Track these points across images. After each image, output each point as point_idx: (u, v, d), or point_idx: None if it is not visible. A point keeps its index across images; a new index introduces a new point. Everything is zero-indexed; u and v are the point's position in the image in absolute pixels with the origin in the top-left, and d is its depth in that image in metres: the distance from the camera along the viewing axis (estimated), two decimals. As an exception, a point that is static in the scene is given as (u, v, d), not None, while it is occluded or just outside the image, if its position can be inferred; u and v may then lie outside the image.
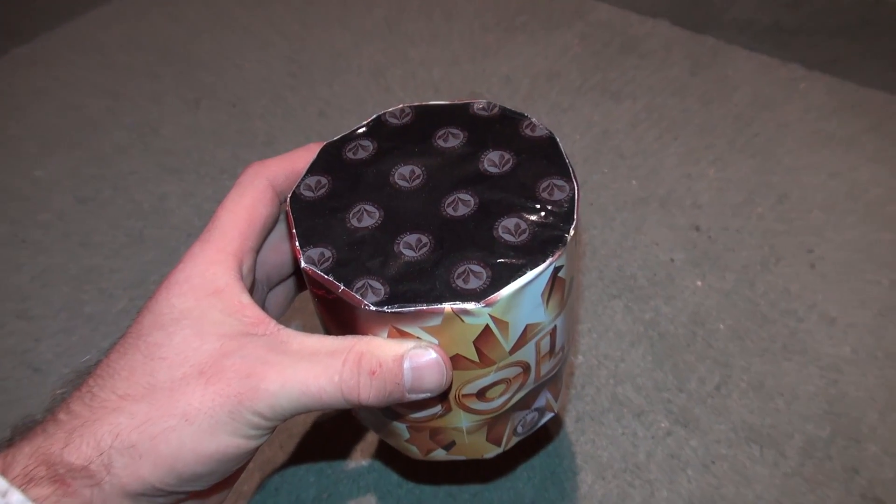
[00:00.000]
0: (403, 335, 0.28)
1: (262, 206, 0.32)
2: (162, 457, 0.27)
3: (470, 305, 0.27)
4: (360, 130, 0.34)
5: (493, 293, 0.27)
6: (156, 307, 0.29)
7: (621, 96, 0.64)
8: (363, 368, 0.27)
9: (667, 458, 0.42)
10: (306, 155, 0.33)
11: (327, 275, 0.28)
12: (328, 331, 0.31)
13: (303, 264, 0.28)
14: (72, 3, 0.80)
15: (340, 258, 0.28)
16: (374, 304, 0.27)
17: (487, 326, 0.28)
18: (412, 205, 0.30)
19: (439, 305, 0.27)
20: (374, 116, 0.34)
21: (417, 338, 0.28)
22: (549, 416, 0.36)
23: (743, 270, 0.51)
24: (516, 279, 0.27)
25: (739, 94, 0.64)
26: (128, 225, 0.56)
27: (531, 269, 0.27)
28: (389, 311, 0.27)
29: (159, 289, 0.29)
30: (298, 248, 0.29)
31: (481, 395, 0.31)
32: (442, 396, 0.30)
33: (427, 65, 0.69)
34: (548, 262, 0.28)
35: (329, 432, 0.44)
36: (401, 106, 0.35)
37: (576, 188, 0.30)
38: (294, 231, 0.30)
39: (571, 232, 0.29)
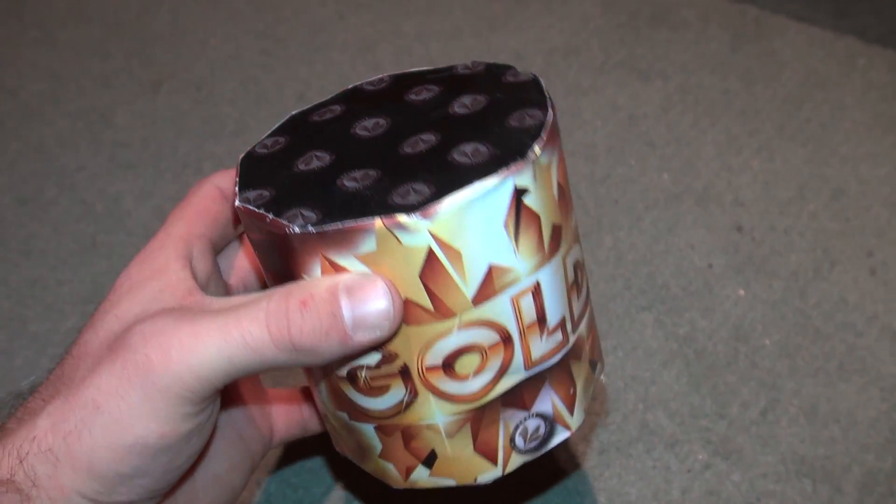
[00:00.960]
0: (339, 270, 0.29)
1: (209, 202, 0.35)
2: (77, 458, 0.28)
3: (404, 218, 0.28)
4: (334, 97, 0.37)
5: (432, 205, 0.28)
6: (101, 306, 0.32)
7: (650, 75, 0.66)
8: (292, 300, 0.28)
9: (705, 494, 0.44)
10: None
11: (258, 209, 0.30)
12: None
13: (237, 203, 0.31)
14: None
15: (278, 196, 0.30)
16: (300, 228, 0.28)
17: (432, 253, 0.28)
18: (368, 148, 0.32)
19: (370, 220, 0.28)
20: (350, 86, 0.37)
21: None
22: (562, 433, 0.35)
23: (792, 277, 0.53)
24: (463, 188, 0.28)
25: (788, 72, 0.65)
26: (76, 229, 0.58)
27: (480, 180, 0.28)
28: (315, 230, 0.28)
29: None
30: (237, 191, 0.31)
31: (449, 367, 0.31)
32: (405, 373, 0.31)
33: (423, 39, 0.71)
34: (501, 173, 0.28)
35: (311, 468, 0.46)
36: (380, 76, 0.37)
37: (551, 114, 0.31)
38: (236, 178, 0.32)
39: (537, 149, 0.30)
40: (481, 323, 0.31)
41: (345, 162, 0.32)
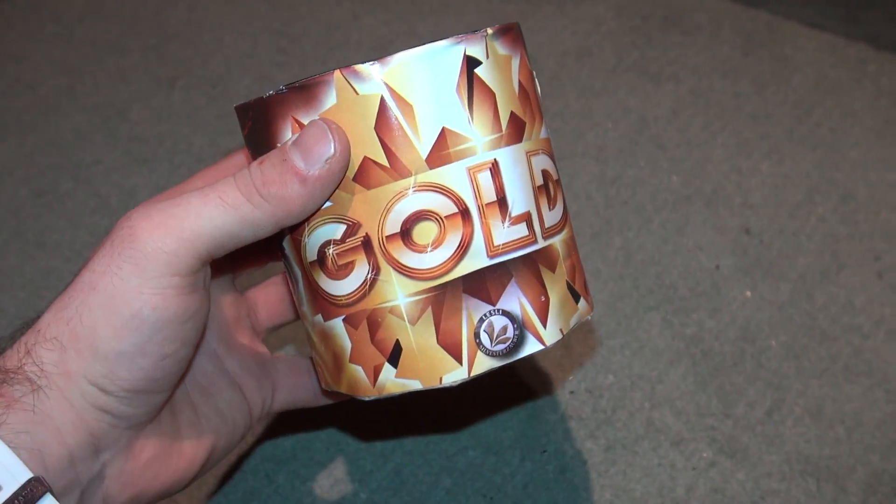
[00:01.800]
0: None
1: (234, 168, 0.38)
2: (81, 340, 0.30)
3: (359, 65, 0.31)
4: None
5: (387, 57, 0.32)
6: None
7: (662, 78, 0.67)
8: (253, 164, 0.32)
9: (710, 492, 0.44)
10: None
11: (249, 100, 0.34)
12: None
13: (234, 106, 0.35)
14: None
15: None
16: (274, 90, 0.33)
17: (384, 103, 0.32)
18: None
19: (329, 72, 0.32)
20: None
21: None
22: (534, 344, 0.35)
23: (800, 280, 0.53)
24: (415, 48, 0.32)
25: (799, 77, 0.66)
26: (91, 222, 0.59)
27: (433, 43, 0.32)
28: (285, 87, 0.32)
29: None
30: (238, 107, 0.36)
31: (407, 235, 0.33)
32: (367, 245, 0.33)
33: (438, 40, 0.72)
34: (452, 39, 0.32)
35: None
36: None
37: (514, 24, 0.35)
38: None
39: (489, 30, 0.33)
40: (436, 187, 0.33)
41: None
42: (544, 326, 0.35)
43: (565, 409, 0.48)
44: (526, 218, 0.34)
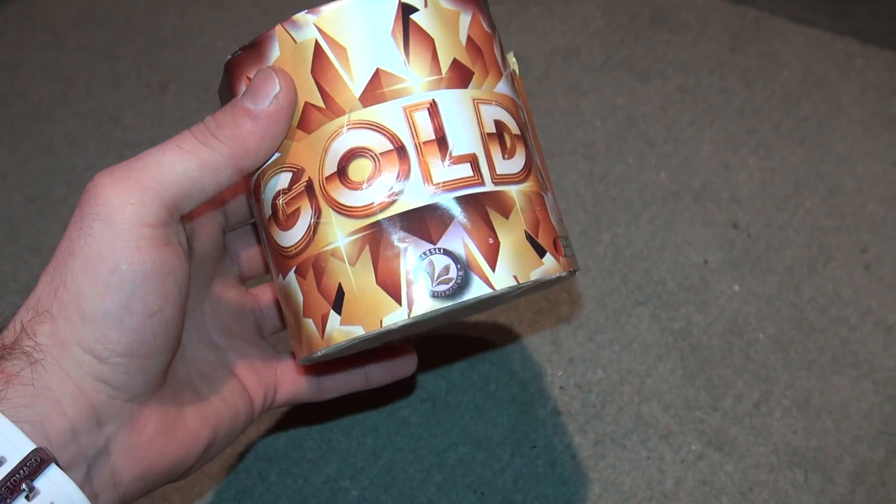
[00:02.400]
0: None
1: None
2: (67, 307, 0.31)
3: (296, 15, 0.33)
4: None
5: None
6: None
7: (650, 76, 0.67)
8: (207, 116, 0.34)
9: (698, 484, 0.45)
10: None
11: None
12: None
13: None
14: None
15: None
16: (231, 54, 0.35)
17: (319, 47, 0.33)
18: None
19: (272, 27, 0.34)
20: None
21: None
22: (480, 287, 0.33)
23: (787, 273, 0.53)
24: None
25: (786, 72, 0.66)
26: (84, 227, 0.60)
27: None
28: (239, 49, 0.35)
29: None
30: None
31: (343, 173, 0.33)
32: (309, 189, 0.34)
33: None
34: None
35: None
36: None
37: None
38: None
39: None
40: (370, 125, 0.33)
41: None
42: (492, 270, 0.33)
43: (555, 404, 0.48)
44: (470, 159, 0.34)
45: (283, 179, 0.35)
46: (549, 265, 0.35)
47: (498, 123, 0.35)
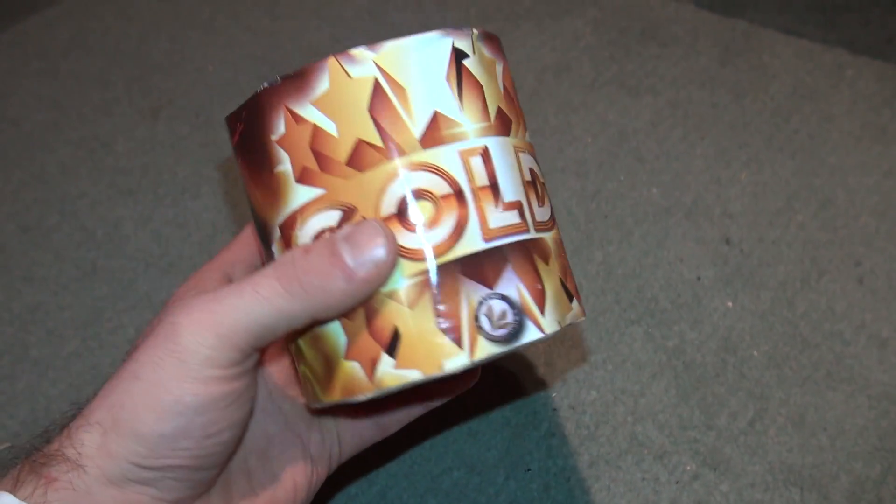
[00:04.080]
0: (300, 122, 0.33)
1: (254, 236, 0.40)
2: (122, 424, 0.31)
3: (353, 49, 0.32)
4: None
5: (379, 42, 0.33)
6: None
7: (640, 91, 0.67)
8: (297, 251, 0.32)
9: (694, 505, 0.44)
10: None
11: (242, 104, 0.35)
12: (252, 207, 0.37)
13: (224, 118, 0.35)
14: (11, 8, 0.83)
15: None
16: (269, 82, 0.33)
17: (378, 84, 0.33)
18: None
19: (323, 58, 0.32)
20: None
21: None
22: (534, 332, 0.34)
23: (780, 288, 0.53)
24: (405, 36, 0.33)
25: (777, 84, 0.66)
26: (77, 256, 0.60)
27: (423, 33, 0.33)
28: (280, 77, 0.33)
29: None
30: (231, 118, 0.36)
31: (403, 215, 0.33)
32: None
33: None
34: (441, 30, 0.34)
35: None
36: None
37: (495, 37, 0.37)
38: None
39: (475, 30, 0.35)
40: (430, 167, 0.33)
41: None
42: (542, 314, 0.35)
43: (549, 425, 0.48)
44: (518, 206, 0.35)
45: (331, 217, 0.33)
46: (576, 309, 0.37)
47: (532, 172, 0.36)
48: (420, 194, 0.33)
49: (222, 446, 0.33)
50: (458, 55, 0.34)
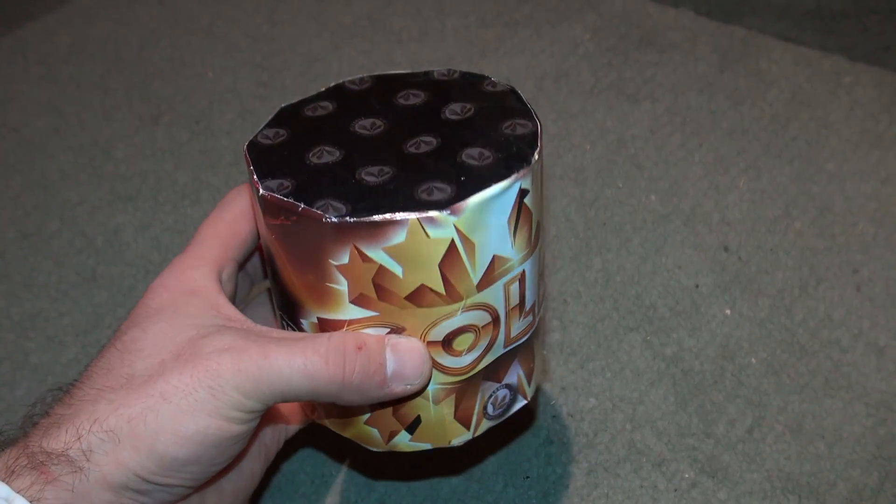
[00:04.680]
0: (366, 261, 0.32)
1: (244, 222, 0.38)
2: (140, 439, 0.31)
3: (435, 213, 0.31)
4: (320, 93, 0.40)
5: (459, 203, 0.32)
6: (133, 312, 0.36)
7: (639, 98, 0.67)
8: (349, 343, 0.34)
9: (692, 512, 0.44)
10: None
11: (287, 198, 0.32)
12: (281, 278, 0.36)
13: (261, 191, 0.33)
14: (11, 15, 0.83)
15: (299, 186, 0.33)
16: (338, 218, 0.31)
17: (453, 244, 0.32)
18: (373, 146, 0.35)
19: (403, 214, 0.31)
20: (332, 84, 0.40)
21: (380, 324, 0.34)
22: (521, 402, 0.40)
23: (778, 295, 0.53)
24: (483, 189, 0.32)
25: (775, 91, 0.66)
26: (77, 262, 0.60)
27: (497, 182, 0.32)
28: (352, 220, 0.31)
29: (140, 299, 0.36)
30: (257, 179, 0.34)
31: (448, 343, 0.35)
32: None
33: (416, 66, 0.72)
34: (513, 177, 0.33)
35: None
36: (360, 75, 0.41)
37: (538, 125, 0.36)
38: (251, 168, 0.34)
39: (536, 156, 0.34)
40: (480, 306, 0.35)
41: (356, 158, 0.35)
42: (528, 386, 0.40)
43: (547, 433, 0.48)
44: (532, 308, 0.38)
45: (379, 332, 0.35)
46: (546, 372, 0.42)
47: (542, 253, 0.38)
48: (467, 328, 0.35)
49: (217, 469, 0.34)
50: (522, 195, 0.34)
